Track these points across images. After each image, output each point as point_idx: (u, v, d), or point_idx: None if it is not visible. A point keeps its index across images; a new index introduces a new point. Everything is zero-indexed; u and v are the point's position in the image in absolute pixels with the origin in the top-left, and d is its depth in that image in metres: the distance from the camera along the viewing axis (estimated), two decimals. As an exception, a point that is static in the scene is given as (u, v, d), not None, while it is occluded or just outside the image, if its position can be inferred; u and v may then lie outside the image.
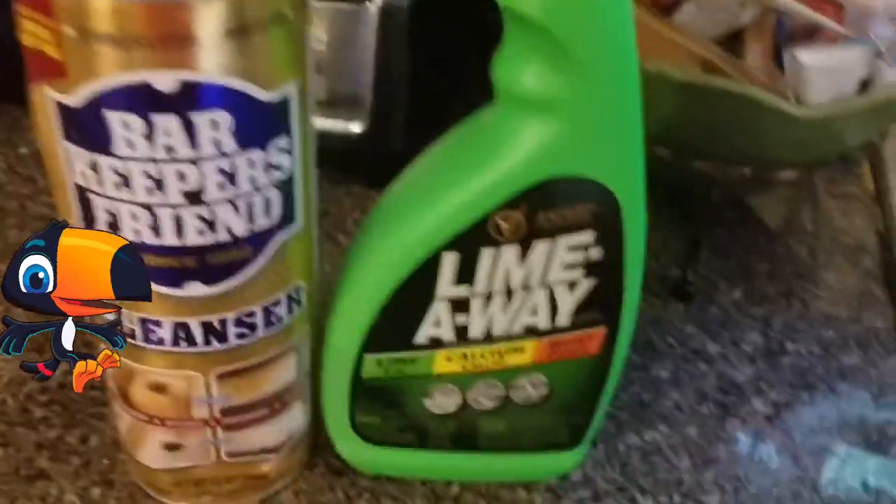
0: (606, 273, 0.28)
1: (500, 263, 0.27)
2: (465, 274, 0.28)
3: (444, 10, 0.49)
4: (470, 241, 0.27)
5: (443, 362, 0.30)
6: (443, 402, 0.31)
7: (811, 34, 0.39)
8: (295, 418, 0.31)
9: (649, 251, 0.45)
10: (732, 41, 0.38)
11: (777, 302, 0.42)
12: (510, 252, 0.27)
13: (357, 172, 0.49)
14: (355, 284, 0.29)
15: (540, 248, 0.27)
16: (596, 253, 0.27)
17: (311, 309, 0.30)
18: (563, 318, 0.29)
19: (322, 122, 0.45)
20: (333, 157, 0.48)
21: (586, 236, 0.27)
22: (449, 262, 0.27)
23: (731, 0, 0.35)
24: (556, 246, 0.27)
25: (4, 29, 0.23)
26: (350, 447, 0.33)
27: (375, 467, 0.34)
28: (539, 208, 0.26)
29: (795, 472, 0.35)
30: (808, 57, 0.35)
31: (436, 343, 0.29)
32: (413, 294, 0.28)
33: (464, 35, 0.49)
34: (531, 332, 0.29)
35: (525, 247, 0.27)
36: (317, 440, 0.34)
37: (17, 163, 0.48)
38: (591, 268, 0.28)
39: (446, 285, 0.28)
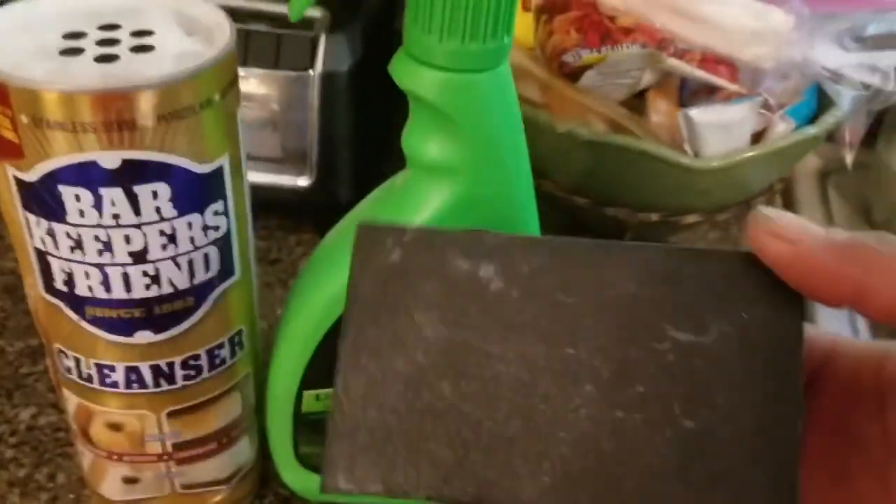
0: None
1: (417, 306, 0.31)
2: (388, 316, 0.31)
3: (381, 74, 0.53)
4: (389, 287, 0.30)
5: (374, 396, 0.33)
6: (376, 432, 0.34)
7: (711, 92, 0.43)
8: (242, 452, 0.35)
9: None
10: (638, 100, 0.42)
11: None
12: (426, 296, 0.31)
13: (307, 222, 0.52)
14: (292, 328, 0.32)
15: (451, 291, 0.31)
16: (502, 295, 0.31)
17: (254, 350, 0.33)
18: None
19: (273, 178, 0.49)
20: (285, 208, 0.52)
21: (491, 280, 0.31)
22: (372, 306, 0.31)
23: (631, 66, 0.40)
24: (466, 289, 0.31)
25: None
26: (295, 477, 0.36)
27: (320, 495, 0.37)
28: (448, 257, 0.30)
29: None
30: (698, 115, 0.39)
31: (366, 378, 0.33)
32: (343, 335, 0.32)
33: (399, 95, 0.53)
34: (451, 366, 0.33)
35: (439, 291, 0.31)
36: (266, 472, 0.37)
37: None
38: (498, 308, 0.31)
39: (372, 326, 0.31)
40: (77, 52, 0.26)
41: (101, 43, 0.26)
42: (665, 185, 0.40)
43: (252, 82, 0.47)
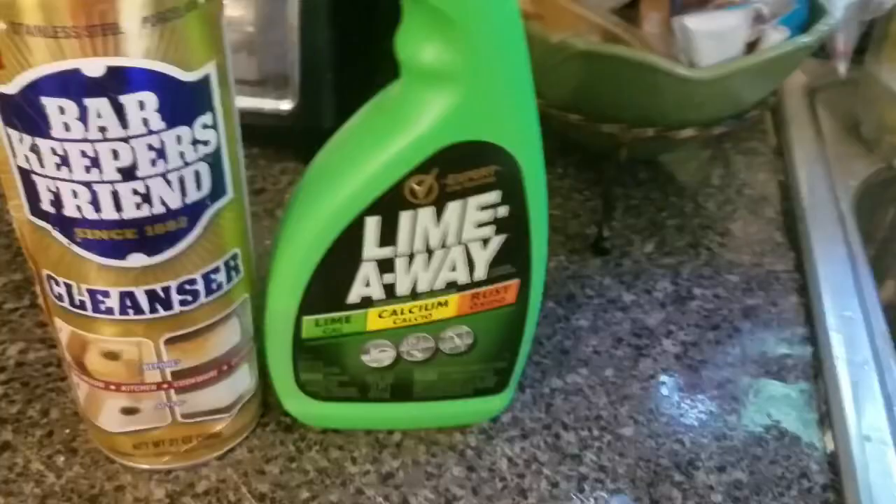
0: (514, 229, 0.31)
1: (418, 224, 0.30)
2: (388, 236, 0.30)
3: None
4: (389, 205, 0.29)
5: (375, 319, 0.33)
6: (378, 356, 0.34)
7: (704, 2, 0.42)
8: (243, 379, 0.34)
9: (570, 212, 0.48)
10: (631, 10, 0.41)
11: (686, 252, 0.46)
12: (426, 213, 0.30)
13: (291, 149, 0.51)
14: (288, 252, 0.31)
15: (452, 208, 0.30)
16: (503, 211, 0.30)
17: (250, 275, 0.32)
18: (480, 272, 0.32)
19: (253, 102, 0.48)
20: (268, 135, 0.51)
21: (493, 196, 0.30)
22: (371, 226, 0.30)
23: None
24: (467, 206, 0.30)
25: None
26: (297, 404, 0.36)
27: (322, 421, 0.37)
28: (448, 171, 0.29)
29: (703, 403, 0.38)
30: (694, 23, 0.38)
31: (367, 302, 0.32)
32: (342, 257, 0.31)
33: (387, 10, 0.51)
34: (452, 286, 0.32)
35: (439, 208, 0.30)
36: (267, 400, 0.36)
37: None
38: (500, 225, 0.31)
39: (371, 247, 0.31)
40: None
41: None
42: (661, 98, 0.40)
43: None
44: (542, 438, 0.37)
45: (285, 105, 0.47)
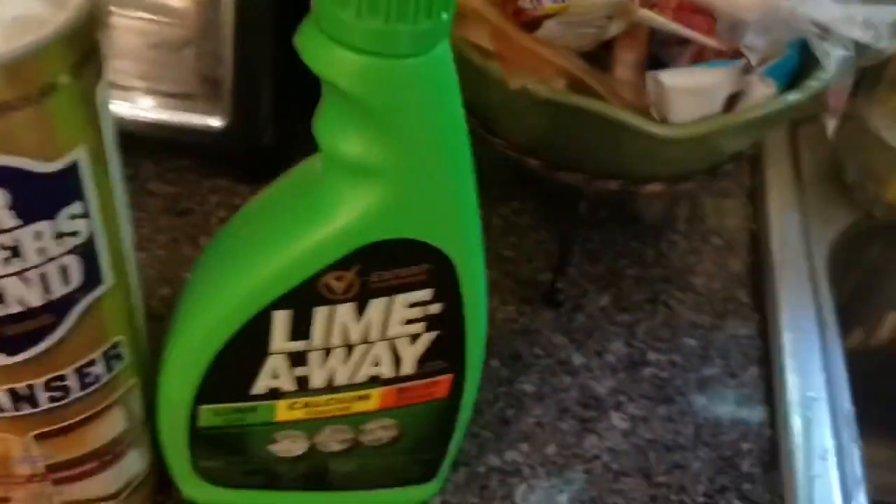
0: (447, 325, 0.27)
1: (335, 320, 0.26)
2: (300, 330, 0.26)
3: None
4: (301, 300, 0.25)
5: (285, 411, 0.29)
6: (289, 446, 0.30)
7: (683, 43, 0.37)
8: (132, 465, 0.30)
9: (525, 254, 0.44)
10: (603, 50, 0.37)
11: (643, 308, 0.42)
12: (345, 309, 0.26)
13: (224, 164, 0.46)
14: (184, 337, 0.27)
15: (376, 305, 0.26)
16: (435, 308, 0.26)
17: (139, 358, 0.28)
18: (408, 368, 0.28)
19: (181, 117, 0.43)
20: (197, 150, 0.46)
21: (423, 294, 0.26)
22: (280, 320, 0.26)
23: (597, 15, 0.34)
24: (394, 303, 0.26)
25: None
26: (195, 490, 0.32)
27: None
28: (371, 269, 0.25)
29: (648, 490, 0.35)
30: (670, 78, 0.34)
31: (275, 393, 0.28)
32: (246, 348, 0.27)
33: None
34: (376, 380, 0.28)
35: (361, 304, 0.26)
36: (165, 477, 0.32)
37: None
38: (431, 322, 0.27)
39: (280, 340, 0.26)
40: None
41: None
42: (628, 153, 0.36)
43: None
44: (471, 529, 0.33)
45: (216, 122, 0.42)
